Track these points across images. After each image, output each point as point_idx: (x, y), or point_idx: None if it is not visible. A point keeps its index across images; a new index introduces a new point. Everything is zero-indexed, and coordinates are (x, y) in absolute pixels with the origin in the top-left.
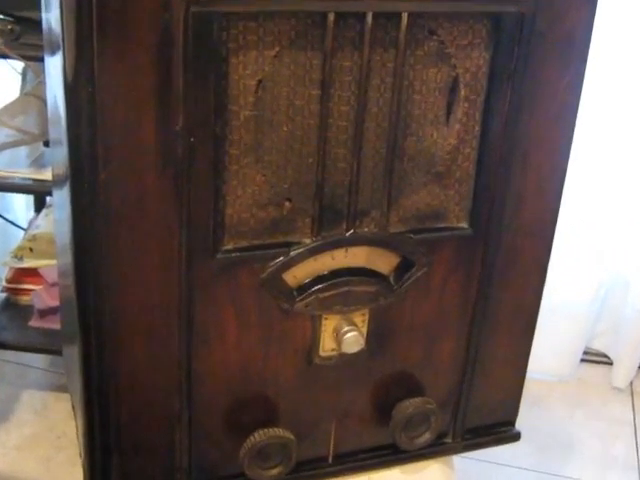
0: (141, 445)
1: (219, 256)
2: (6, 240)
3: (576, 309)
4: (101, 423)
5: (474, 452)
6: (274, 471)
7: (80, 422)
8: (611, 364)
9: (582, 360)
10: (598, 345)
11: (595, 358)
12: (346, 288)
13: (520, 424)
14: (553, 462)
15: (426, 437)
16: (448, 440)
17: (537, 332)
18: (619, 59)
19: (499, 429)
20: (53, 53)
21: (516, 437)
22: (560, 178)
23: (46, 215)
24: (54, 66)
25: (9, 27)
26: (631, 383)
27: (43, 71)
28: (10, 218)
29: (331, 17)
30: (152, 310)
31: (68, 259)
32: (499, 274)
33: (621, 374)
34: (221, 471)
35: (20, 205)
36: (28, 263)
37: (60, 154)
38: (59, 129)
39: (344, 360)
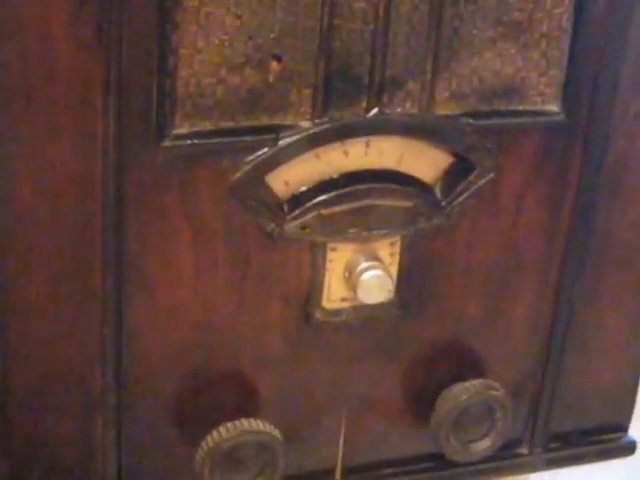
0: (41, 443)
1: (166, 144)
2: None
3: None
4: None
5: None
6: None
7: None
8: None
9: None
10: None
11: None
12: (366, 202)
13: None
14: None
15: (488, 443)
16: (523, 450)
17: None
18: None
19: (602, 436)
20: None
21: (629, 449)
22: None
23: None
24: None
25: None
26: None
27: None
28: None
29: None
30: (60, 230)
31: None
32: (608, 189)
33: None
34: None
35: None
36: None
37: None
38: None
39: (361, 316)
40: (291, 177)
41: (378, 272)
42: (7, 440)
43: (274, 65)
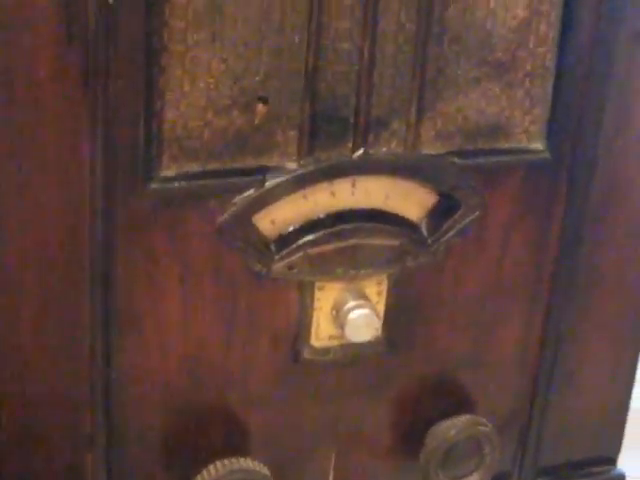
0: None
1: (154, 187)
2: None
3: None
4: None
5: None
6: None
7: None
8: None
9: None
10: None
11: None
12: (353, 241)
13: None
14: None
15: (477, 478)
16: None
17: None
18: None
19: (592, 469)
20: None
21: None
22: None
23: None
24: None
25: None
26: None
27: None
28: None
29: None
30: (48, 274)
31: None
32: (592, 224)
33: None
34: None
35: None
36: None
37: None
38: None
39: (349, 354)
40: (278, 217)
41: (365, 311)
42: None
43: (260, 107)
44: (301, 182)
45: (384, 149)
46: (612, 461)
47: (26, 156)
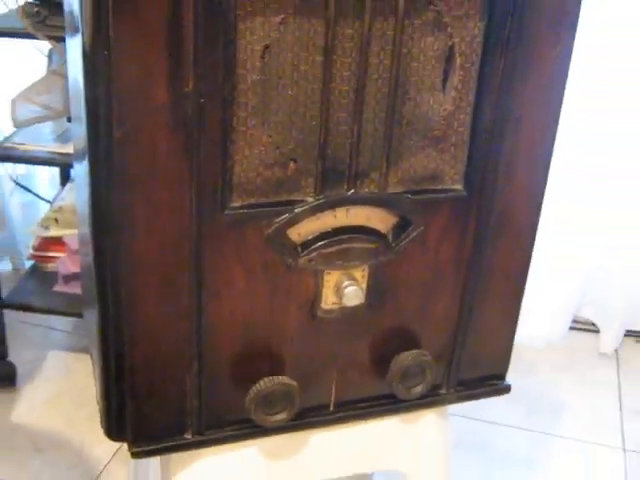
0: (154, 391)
1: (227, 213)
2: (34, 212)
3: (566, 279)
4: (117, 370)
5: (470, 411)
6: (278, 417)
7: (97, 371)
8: (598, 332)
9: (571, 328)
10: (586, 313)
11: (583, 326)
12: (347, 245)
13: (512, 388)
14: (543, 422)
15: (422, 387)
16: (442, 391)
17: (529, 299)
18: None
19: (490, 382)
20: (73, 33)
21: (506, 389)
22: (550, 144)
23: (70, 189)
24: (74, 45)
25: (35, 9)
26: (616, 350)
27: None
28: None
29: None
30: (164, 265)
31: (86, 222)
32: (492, 235)
33: (607, 341)
34: (230, 416)
35: (45, 181)
36: (54, 232)
37: (79, 130)
38: (78, 106)
39: (345, 313)
40: (302, 230)
41: (355, 288)
42: (135, 396)
43: (291, 165)
44: (315, 210)
45: (366, 190)
46: (502, 377)
47: (150, 192)
